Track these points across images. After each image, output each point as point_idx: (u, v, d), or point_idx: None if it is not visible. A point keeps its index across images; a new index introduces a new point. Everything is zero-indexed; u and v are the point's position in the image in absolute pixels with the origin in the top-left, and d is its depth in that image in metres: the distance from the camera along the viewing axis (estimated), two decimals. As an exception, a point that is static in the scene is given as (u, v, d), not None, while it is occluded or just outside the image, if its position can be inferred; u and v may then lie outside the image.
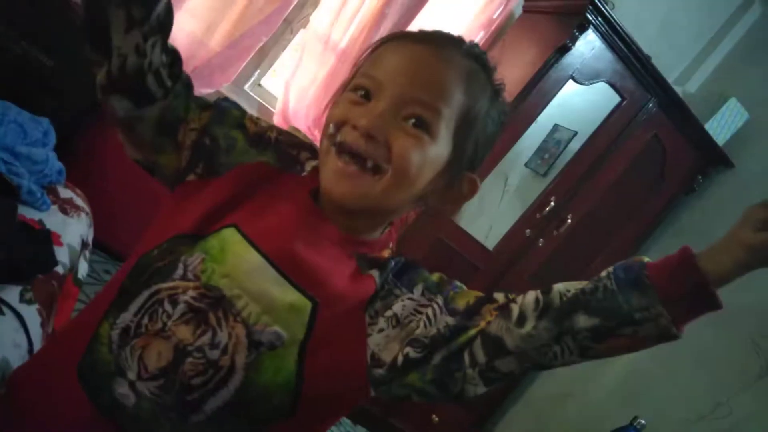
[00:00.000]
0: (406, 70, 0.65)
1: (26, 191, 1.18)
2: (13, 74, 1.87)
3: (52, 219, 1.27)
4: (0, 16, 1.86)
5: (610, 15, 2.34)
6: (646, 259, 0.60)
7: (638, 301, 0.57)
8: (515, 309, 0.64)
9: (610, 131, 2.55)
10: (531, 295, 0.64)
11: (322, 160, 0.68)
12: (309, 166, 0.75)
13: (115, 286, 0.69)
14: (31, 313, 1.09)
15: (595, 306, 0.59)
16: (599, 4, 2.30)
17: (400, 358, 0.65)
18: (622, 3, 2.64)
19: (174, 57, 0.69)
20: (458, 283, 0.72)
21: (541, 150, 2.86)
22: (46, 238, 1.13)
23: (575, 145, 2.68)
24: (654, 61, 2.51)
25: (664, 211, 2.76)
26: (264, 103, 2.73)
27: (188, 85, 0.73)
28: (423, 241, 2.47)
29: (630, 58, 2.45)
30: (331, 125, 0.67)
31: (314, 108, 2.68)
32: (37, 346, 1.08)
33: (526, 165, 2.93)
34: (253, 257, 0.65)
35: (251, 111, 2.66)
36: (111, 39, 0.63)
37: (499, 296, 0.67)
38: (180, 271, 0.65)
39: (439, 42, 0.70)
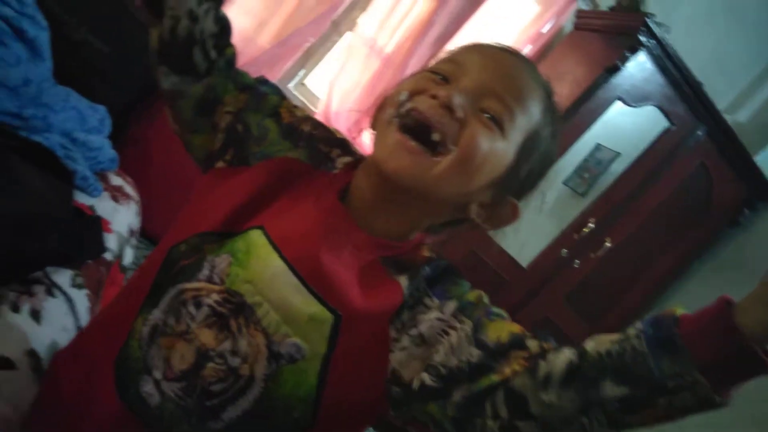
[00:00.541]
0: (491, 66, 0.64)
1: (80, 177, 1.20)
2: (71, 60, 1.91)
3: (103, 205, 1.29)
4: (61, 3, 1.90)
5: (664, 38, 2.29)
6: (679, 312, 0.52)
7: (671, 366, 0.49)
8: (543, 368, 0.56)
9: (656, 156, 2.49)
10: (563, 357, 0.56)
11: (380, 132, 0.64)
12: (340, 163, 0.72)
13: (149, 277, 0.68)
14: (81, 298, 1.10)
15: (622, 372, 0.52)
16: (653, 26, 2.25)
17: (416, 383, 0.62)
18: (676, 27, 2.59)
19: (222, 27, 0.69)
20: (496, 310, 0.65)
21: (581, 169, 2.81)
22: (96, 224, 1.15)
23: (616, 167, 2.63)
24: (705, 88, 2.45)
25: (706, 242, 2.69)
26: (307, 102, 2.74)
27: (230, 62, 0.72)
28: (456, 251, 2.45)
29: (681, 83, 2.39)
30: (404, 92, 0.63)
31: (356, 112, 2.68)
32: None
33: (564, 183, 2.88)
34: (275, 263, 0.63)
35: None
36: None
37: (533, 344, 0.60)
38: (206, 272, 0.64)
39: (525, 58, 0.69)
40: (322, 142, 0.73)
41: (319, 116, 2.67)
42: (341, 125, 2.66)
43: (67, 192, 1.01)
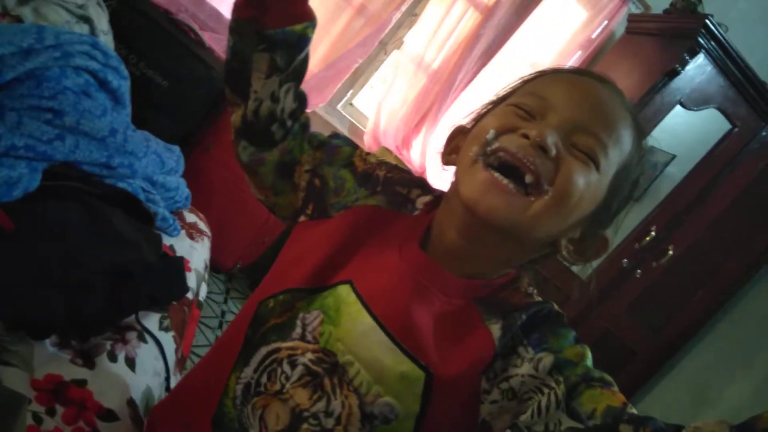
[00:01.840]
0: (579, 97, 0.61)
1: (161, 218, 1.23)
2: (132, 94, 1.96)
3: (182, 244, 1.31)
4: (120, 39, 1.96)
5: (724, 39, 2.22)
6: None
7: None
8: None
9: (719, 160, 2.41)
10: None
11: (465, 171, 0.61)
12: (420, 203, 0.71)
13: (240, 333, 0.68)
14: (168, 341, 1.12)
15: None
16: (712, 27, 2.18)
17: None
18: (733, 25, 2.50)
19: (301, 102, 0.69)
20: (597, 374, 0.59)
21: (635, 173, 2.74)
22: (181, 265, 1.16)
23: (671, 170, 2.55)
24: (769, 87, 2.35)
25: (774, 246, 2.58)
26: (355, 122, 2.75)
27: (305, 126, 0.72)
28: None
29: (743, 83, 2.31)
30: (492, 131, 0.60)
31: (404, 128, 2.68)
32: (172, 373, 1.10)
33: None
34: (365, 321, 0.62)
35: (342, 130, 2.69)
36: (251, 83, 0.65)
37: (627, 430, 0.52)
38: (299, 330, 0.64)
39: (609, 82, 0.65)
40: (398, 184, 0.72)
41: (368, 135, 2.68)
42: (389, 143, 2.66)
43: (157, 239, 1.03)
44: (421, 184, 0.73)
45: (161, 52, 2.04)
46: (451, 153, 0.70)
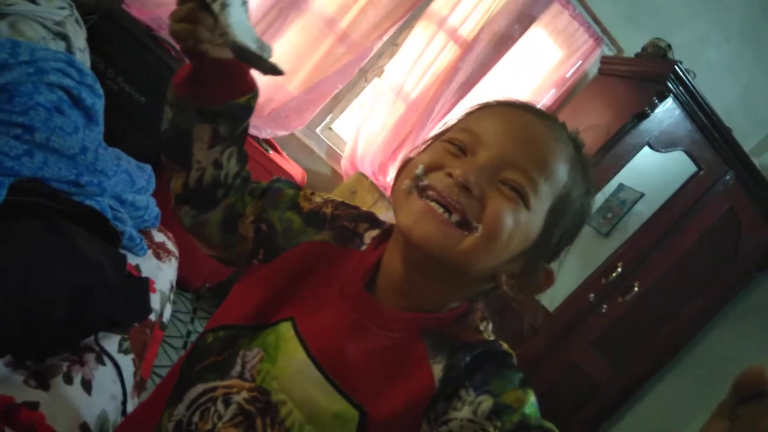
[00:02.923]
0: (510, 132, 0.59)
1: (127, 237, 1.21)
2: (109, 109, 1.95)
3: (148, 264, 1.29)
4: (101, 55, 1.95)
5: (692, 85, 2.30)
6: None
7: None
8: None
9: (684, 200, 2.48)
10: None
11: (400, 202, 0.60)
12: (368, 237, 0.70)
13: (178, 366, 0.68)
14: (127, 363, 1.10)
15: None
16: (681, 73, 2.27)
17: None
18: (701, 72, 2.61)
19: (243, 162, 0.70)
20: (534, 423, 0.56)
21: (603, 209, 2.79)
22: (145, 287, 1.15)
23: (639, 207, 2.61)
24: (733, 134, 2.45)
25: (735, 286, 2.65)
26: (333, 146, 2.77)
27: (246, 179, 0.72)
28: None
29: (709, 128, 2.39)
30: (421, 166, 0.59)
31: (381, 155, 2.71)
32: (130, 396, 1.08)
33: (587, 223, 2.87)
34: (300, 357, 0.61)
35: (320, 153, 2.71)
36: (192, 153, 0.63)
37: None
38: (238, 368, 0.63)
39: (547, 116, 0.64)
40: (346, 219, 0.71)
41: (345, 160, 2.69)
42: (366, 168, 2.68)
43: (121, 259, 1.02)
44: (370, 218, 0.73)
45: (140, 68, 2.03)
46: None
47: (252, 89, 0.63)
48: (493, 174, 0.57)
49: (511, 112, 0.62)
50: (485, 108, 0.65)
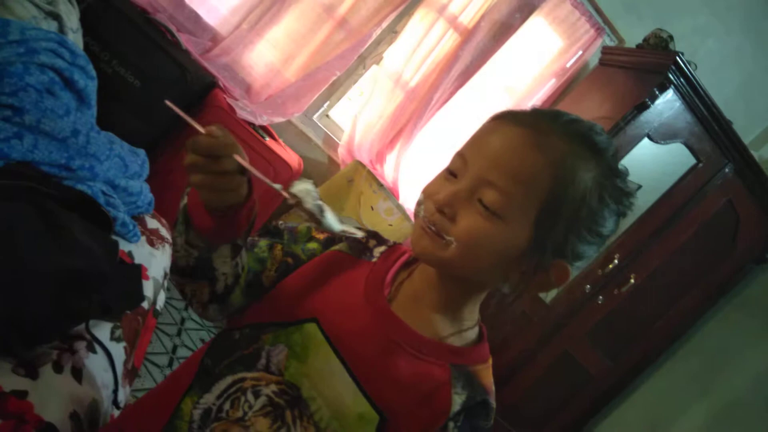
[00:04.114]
0: (491, 152, 0.64)
1: (120, 223, 1.19)
2: (103, 92, 1.92)
3: (141, 251, 1.27)
4: (96, 37, 1.91)
5: (693, 76, 2.28)
6: None
7: None
8: None
9: (683, 193, 2.47)
10: None
11: (413, 224, 0.69)
12: (377, 252, 0.77)
13: (194, 362, 0.72)
14: (119, 351, 1.08)
15: None
16: (682, 64, 2.24)
17: None
18: (702, 63, 2.59)
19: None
20: None
21: (602, 202, 2.79)
22: (137, 274, 1.13)
23: (638, 200, 2.60)
24: (733, 126, 2.43)
25: (732, 279, 2.65)
26: (330, 134, 2.74)
27: (253, 244, 0.77)
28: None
29: (709, 120, 2.38)
30: (421, 196, 0.69)
31: (378, 143, 2.68)
32: (121, 385, 1.07)
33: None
34: (334, 363, 0.66)
35: (317, 141, 2.68)
36: (215, 268, 0.69)
37: None
38: (263, 361, 0.68)
39: (539, 123, 0.65)
40: (362, 238, 0.79)
41: (342, 148, 2.67)
42: (363, 157, 2.66)
43: (114, 245, 0.99)
44: (375, 235, 0.80)
45: (135, 51, 2.00)
46: None
47: (253, 200, 0.65)
48: (470, 194, 0.63)
49: (502, 129, 0.65)
50: (489, 123, 0.69)
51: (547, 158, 0.62)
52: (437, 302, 0.70)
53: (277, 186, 0.61)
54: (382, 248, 0.78)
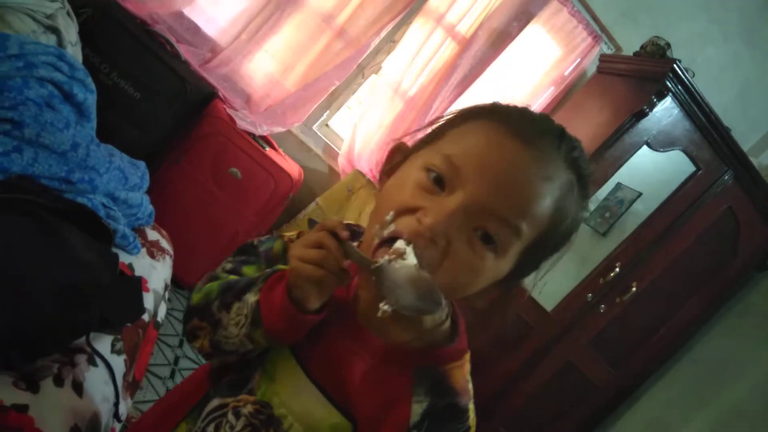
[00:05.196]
0: (493, 172, 0.55)
1: (120, 235, 1.19)
2: (103, 104, 1.93)
3: (141, 263, 1.27)
4: (95, 50, 1.92)
5: (691, 84, 2.29)
6: None
7: None
8: None
9: (683, 200, 2.47)
10: None
11: (367, 245, 0.59)
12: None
13: (201, 385, 0.72)
14: (119, 364, 1.08)
15: None
16: (680, 71, 2.25)
17: None
18: (700, 70, 2.60)
19: None
20: None
21: (602, 208, 2.78)
22: (138, 286, 1.13)
23: (637, 207, 2.60)
24: (732, 133, 2.44)
25: (733, 287, 2.64)
26: (330, 143, 2.75)
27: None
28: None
29: (708, 128, 2.38)
30: (391, 213, 0.57)
31: (378, 152, 2.68)
32: (122, 398, 1.06)
33: (585, 222, 2.85)
34: (301, 379, 0.65)
35: (317, 150, 2.68)
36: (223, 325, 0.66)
37: None
38: (249, 385, 0.67)
39: (545, 143, 0.57)
40: None
41: (342, 157, 2.67)
42: (363, 166, 2.66)
43: (114, 258, 0.99)
44: (354, 232, 0.73)
45: (135, 63, 2.01)
46: (389, 172, 0.67)
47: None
48: (467, 220, 0.55)
49: (499, 140, 0.57)
50: (471, 120, 0.61)
51: (554, 194, 0.56)
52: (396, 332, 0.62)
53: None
54: (355, 244, 0.68)
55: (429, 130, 0.67)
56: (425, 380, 0.62)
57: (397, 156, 0.68)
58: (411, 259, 0.53)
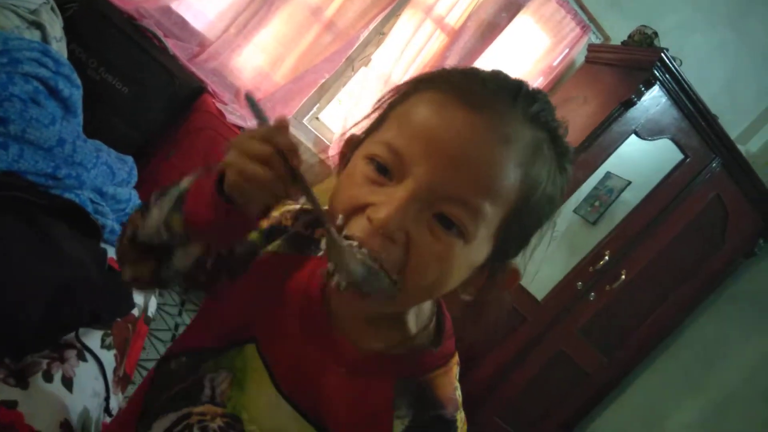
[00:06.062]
0: (441, 146, 0.48)
1: (109, 231, 1.19)
2: (91, 98, 1.92)
3: (130, 258, 1.27)
4: (82, 45, 1.91)
5: (678, 72, 2.30)
6: None
7: None
8: None
9: (671, 188, 2.49)
10: None
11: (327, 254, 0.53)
12: (324, 243, 0.62)
13: (141, 394, 0.67)
14: (109, 359, 1.08)
15: None
16: (667, 60, 2.26)
17: None
18: (687, 58, 2.61)
19: None
20: None
21: (591, 197, 2.80)
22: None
23: (627, 196, 2.62)
24: (719, 121, 2.45)
25: (722, 273, 2.67)
26: (321, 136, 2.74)
27: None
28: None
29: (696, 116, 2.40)
30: (341, 216, 0.51)
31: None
32: (112, 392, 1.07)
33: (574, 211, 2.87)
34: (270, 392, 0.59)
35: (308, 143, 2.68)
36: (171, 261, 0.59)
37: None
38: (208, 392, 0.61)
39: (493, 104, 0.50)
40: (304, 226, 0.67)
41: (333, 149, 2.67)
42: (354, 158, 2.66)
43: (102, 253, 1.00)
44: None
45: (123, 58, 2.00)
46: (344, 168, 0.59)
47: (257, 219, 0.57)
48: (423, 207, 0.49)
49: (442, 112, 0.50)
50: (413, 95, 0.53)
51: (516, 158, 0.49)
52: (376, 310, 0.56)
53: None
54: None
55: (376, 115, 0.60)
56: (407, 393, 0.57)
57: (348, 151, 0.60)
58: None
